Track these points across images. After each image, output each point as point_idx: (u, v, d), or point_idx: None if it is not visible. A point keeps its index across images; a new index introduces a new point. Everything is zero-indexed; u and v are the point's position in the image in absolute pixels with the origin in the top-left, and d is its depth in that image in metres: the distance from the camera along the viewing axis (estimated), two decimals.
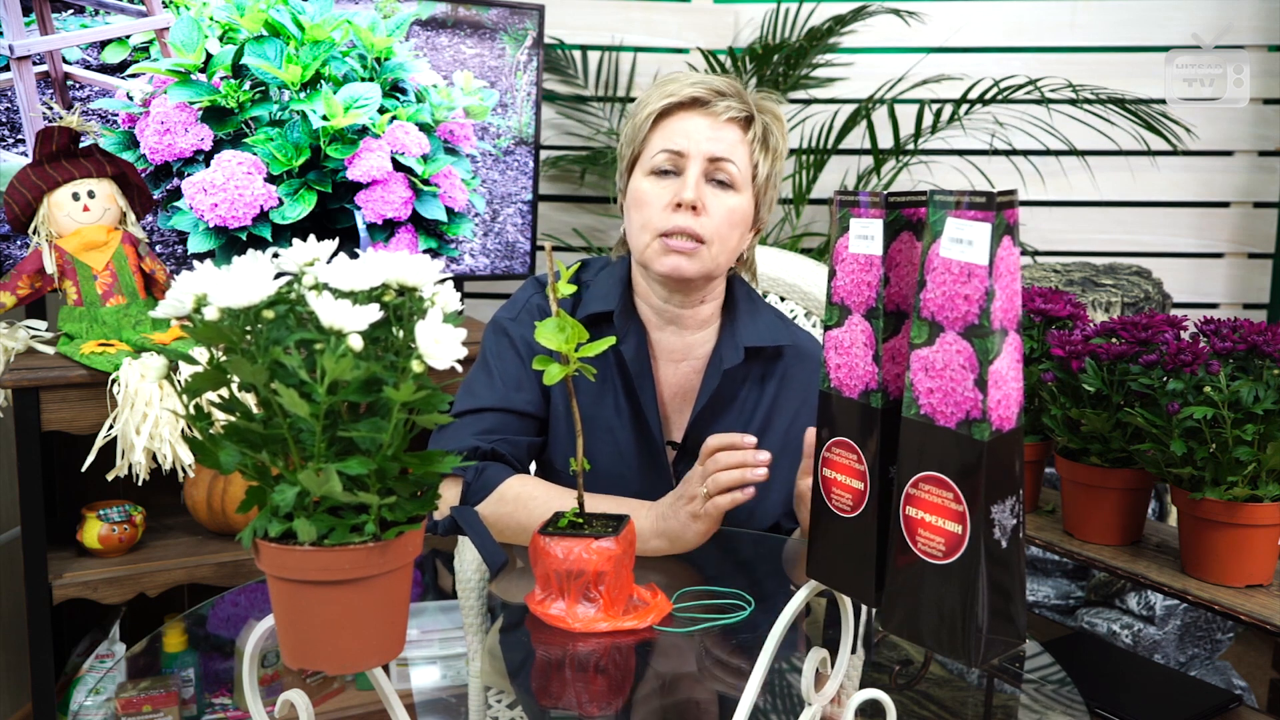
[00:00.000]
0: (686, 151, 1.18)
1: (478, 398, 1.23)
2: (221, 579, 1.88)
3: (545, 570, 0.99)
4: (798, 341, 1.31)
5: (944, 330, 0.63)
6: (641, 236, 1.21)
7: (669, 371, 1.29)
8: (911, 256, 0.70)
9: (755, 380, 1.29)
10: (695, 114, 1.19)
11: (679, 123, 1.19)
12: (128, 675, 1.16)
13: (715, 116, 1.18)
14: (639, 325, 1.27)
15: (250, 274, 0.57)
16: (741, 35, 2.81)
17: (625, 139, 1.24)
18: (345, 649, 0.59)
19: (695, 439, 1.24)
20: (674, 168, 1.19)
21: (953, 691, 1.00)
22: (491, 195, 2.33)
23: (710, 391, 1.24)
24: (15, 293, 1.80)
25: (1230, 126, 2.77)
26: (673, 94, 1.18)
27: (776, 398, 1.29)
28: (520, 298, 1.31)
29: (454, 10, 2.22)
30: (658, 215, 1.18)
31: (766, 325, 1.29)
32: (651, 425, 1.24)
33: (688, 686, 0.98)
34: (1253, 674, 2.25)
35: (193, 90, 1.99)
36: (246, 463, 0.59)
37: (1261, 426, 1.29)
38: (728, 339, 1.27)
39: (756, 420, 1.28)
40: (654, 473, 1.26)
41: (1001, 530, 0.62)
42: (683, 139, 1.18)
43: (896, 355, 0.70)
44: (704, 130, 1.18)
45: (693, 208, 1.17)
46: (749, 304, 1.31)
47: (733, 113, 1.19)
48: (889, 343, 0.70)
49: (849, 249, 0.71)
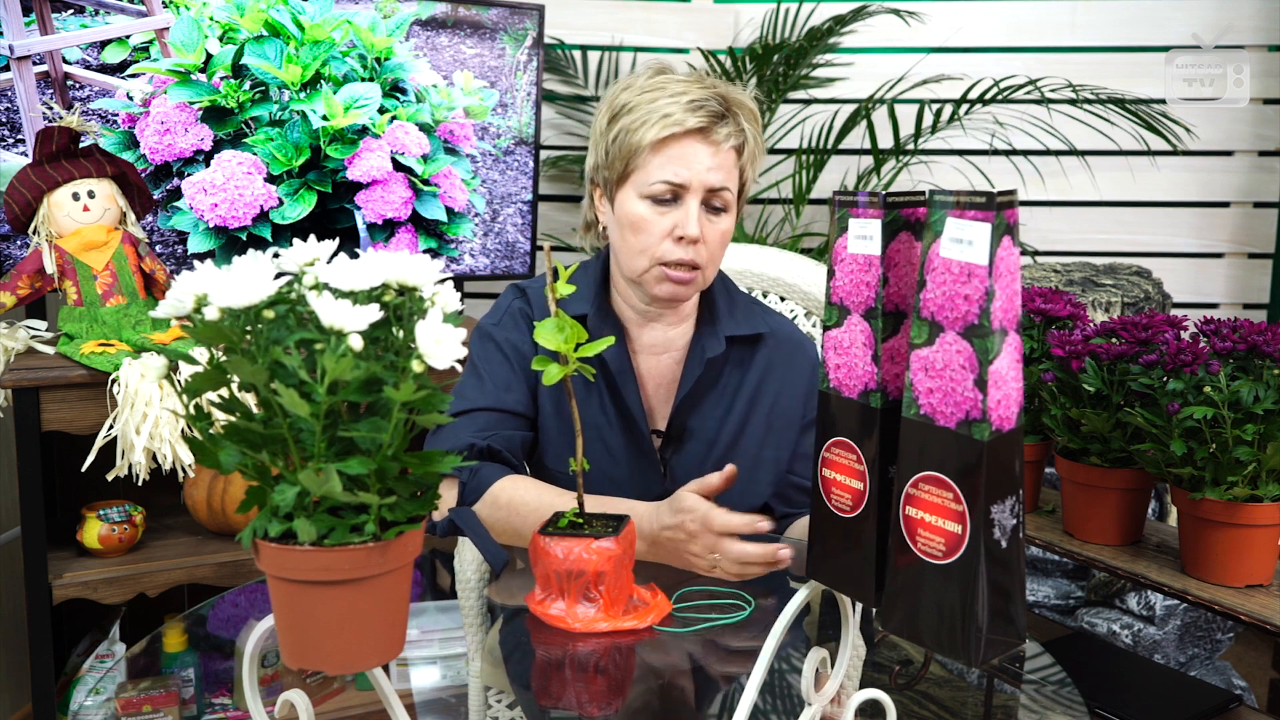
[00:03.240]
0: (688, 183, 1.20)
1: (469, 400, 1.25)
2: (221, 579, 1.88)
3: (545, 570, 0.99)
4: (774, 327, 1.35)
5: (944, 330, 0.63)
6: (639, 260, 1.23)
7: (650, 364, 1.32)
8: (910, 256, 0.70)
9: (735, 366, 1.32)
10: (696, 142, 1.20)
11: (680, 152, 1.20)
12: (128, 675, 1.16)
13: (716, 145, 1.20)
14: (615, 323, 1.29)
15: (250, 274, 0.57)
16: (741, 35, 2.81)
17: (616, 150, 1.23)
18: (345, 649, 0.59)
19: (679, 426, 1.29)
20: (675, 196, 1.21)
21: (953, 691, 1.00)
22: (491, 195, 2.33)
23: (693, 381, 1.28)
24: (15, 293, 1.80)
25: (1230, 126, 2.77)
26: (676, 124, 1.18)
27: (759, 383, 1.32)
28: (502, 304, 1.34)
29: (454, 10, 2.22)
30: (658, 244, 1.21)
31: (744, 313, 1.33)
32: (638, 419, 1.26)
33: (687, 686, 0.98)
34: (1253, 674, 2.25)
35: (193, 90, 1.99)
36: (246, 463, 0.59)
37: (1261, 426, 1.29)
38: (708, 330, 1.30)
39: (739, 405, 1.31)
40: (642, 464, 1.28)
41: (1001, 530, 0.62)
42: (685, 170, 1.19)
43: (895, 355, 0.70)
44: (705, 160, 1.20)
45: (694, 240, 1.20)
46: (726, 295, 1.34)
47: (731, 142, 1.22)
48: (888, 343, 0.70)
49: (848, 249, 0.71)
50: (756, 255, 1.61)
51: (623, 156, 1.22)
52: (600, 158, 1.26)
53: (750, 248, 1.63)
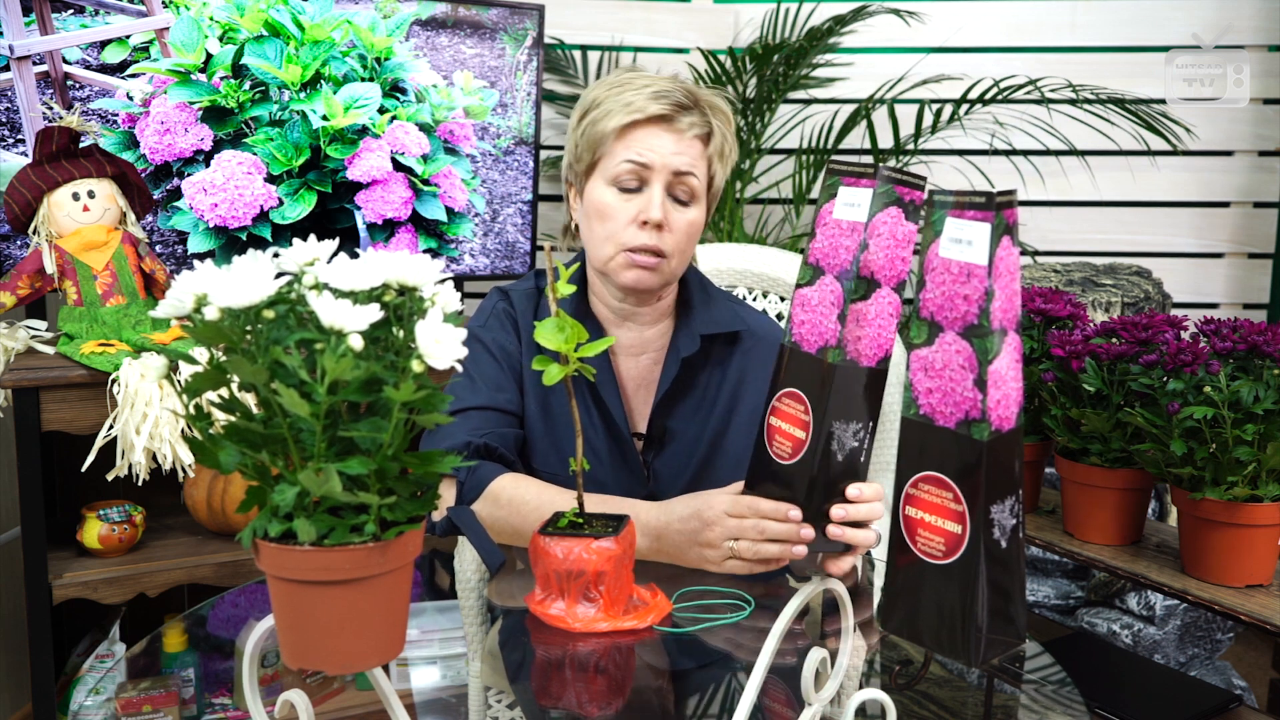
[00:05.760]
0: (652, 165, 1.21)
1: (462, 400, 1.25)
2: (221, 579, 1.88)
3: (545, 570, 0.99)
4: (752, 324, 1.35)
5: (943, 330, 0.63)
6: (605, 248, 1.24)
7: (629, 365, 1.32)
8: (895, 231, 0.71)
9: (715, 365, 1.32)
10: (660, 129, 1.22)
11: (643, 138, 1.22)
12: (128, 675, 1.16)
13: (680, 133, 1.22)
14: (594, 323, 1.30)
15: (250, 274, 0.57)
16: (741, 35, 2.81)
17: (584, 143, 1.25)
18: (345, 649, 0.59)
19: (658, 427, 1.29)
20: (637, 182, 1.22)
21: (953, 691, 1.00)
22: (491, 195, 2.33)
23: (670, 380, 1.28)
24: (15, 293, 1.80)
25: (1230, 126, 2.77)
26: (638, 110, 1.21)
27: (739, 381, 1.32)
28: (487, 306, 1.35)
29: (454, 10, 2.22)
30: (623, 231, 1.22)
31: (721, 312, 1.33)
32: (618, 420, 1.26)
33: (687, 686, 0.98)
34: (1253, 674, 2.25)
35: (193, 90, 1.99)
36: (246, 463, 0.59)
37: (1261, 426, 1.29)
38: (684, 329, 1.31)
39: (719, 404, 1.31)
40: (624, 466, 1.28)
41: (1001, 530, 0.62)
42: (649, 153, 1.21)
43: (861, 319, 0.73)
44: (668, 146, 1.21)
45: (658, 226, 1.21)
46: (702, 294, 1.34)
47: (696, 130, 1.23)
48: (856, 305, 0.72)
49: (833, 215, 0.74)
50: (756, 255, 1.61)
51: (590, 147, 1.24)
52: (570, 153, 1.28)
53: (750, 248, 1.63)
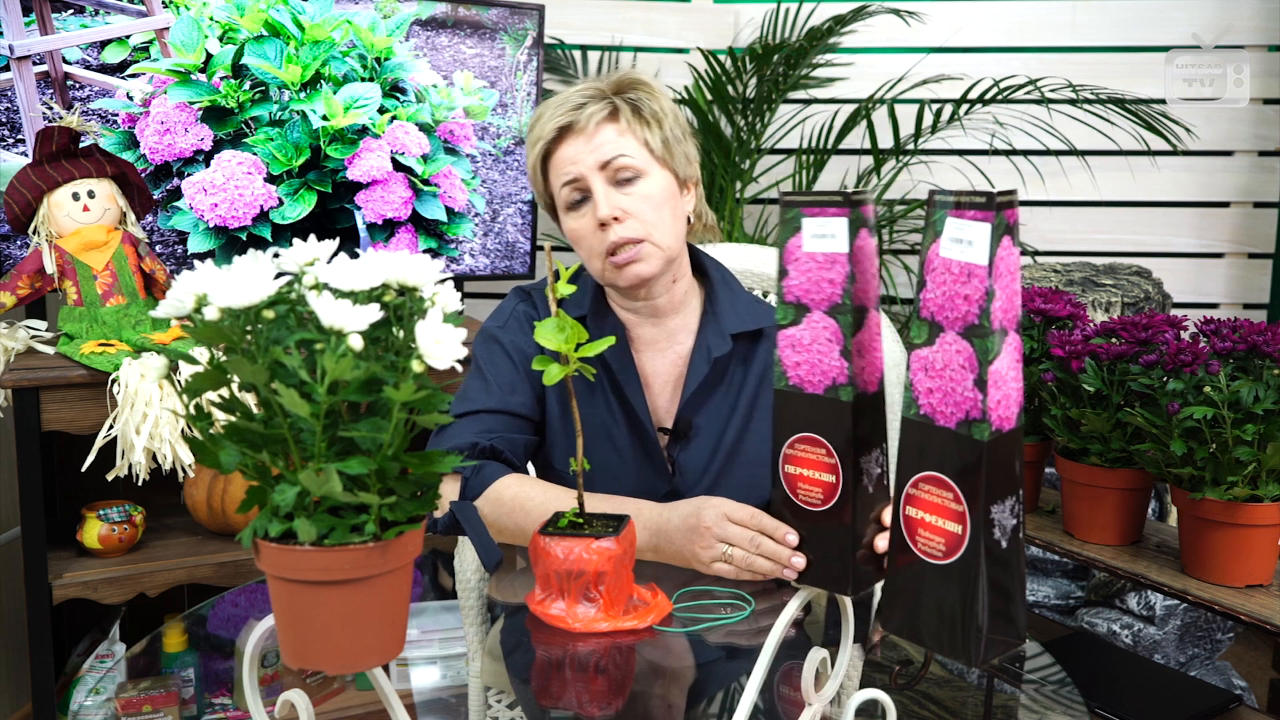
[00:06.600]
0: (580, 174, 1.23)
1: (474, 401, 1.25)
2: (221, 579, 1.88)
3: (545, 570, 0.99)
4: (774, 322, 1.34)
5: (944, 330, 0.63)
6: (593, 264, 1.27)
7: (654, 361, 1.32)
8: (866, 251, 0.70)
9: (739, 362, 1.32)
10: (568, 140, 1.25)
11: (561, 156, 1.25)
12: (128, 675, 1.17)
13: (584, 131, 1.24)
14: (615, 322, 1.30)
15: (250, 274, 0.57)
16: (741, 35, 2.81)
17: (539, 191, 1.31)
18: (345, 649, 0.59)
19: (685, 423, 1.29)
20: (583, 194, 1.25)
21: (953, 691, 1.00)
22: (491, 195, 2.33)
23: (699, 379, 1.28)
24: (15, 293, 1.80)
25: (1230, 126, 2.77)
26: (541, 135, 1.25)
27: (762, 379, 1.32)
28: (506, 307, 1.36)
29: (454, 10, 2.22)
30: (594, 241, 1.24)
31: (746, 308, 1.34)
32: (642, 417, 1.26)
33: (687, 687, 0.98)
34: (1253, 674, 2.25)
35: (193, 90, 1.99)
36: (246, 463, 0.59)
37: (1261, 426, 1.29)
38: (712, 327, 1.31)
39: (744, 400, 1.31)
40: (648, 461, 1.29)
41: (1001, 530, 0.62)
42: (570, 166, 1.24)
43: (863, 349, 0.71)
44: (581, 148, 1.24)
45: (614, 219, 1.22)
46: (726, 289, 1.35)
47: (598, 116, 1.24)
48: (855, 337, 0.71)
49: (803, 248, 0.72)
50: (757, 255, 1.61)
51: (542, 195, 1.31)
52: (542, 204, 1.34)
53: (750, 248, 1.63)
